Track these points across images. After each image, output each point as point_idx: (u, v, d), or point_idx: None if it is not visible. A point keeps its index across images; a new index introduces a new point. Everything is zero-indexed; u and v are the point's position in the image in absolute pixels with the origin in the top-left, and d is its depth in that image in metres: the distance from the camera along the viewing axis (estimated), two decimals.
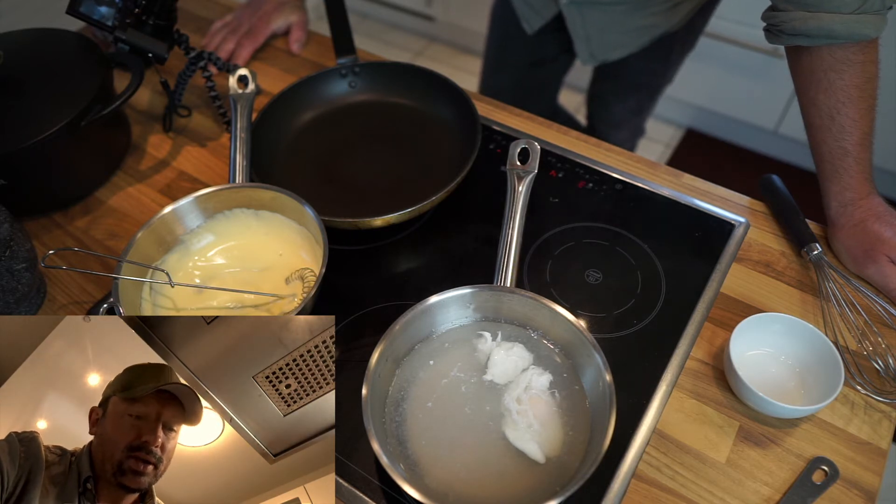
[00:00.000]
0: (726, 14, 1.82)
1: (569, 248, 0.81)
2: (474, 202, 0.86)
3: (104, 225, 0.86)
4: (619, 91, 1.34)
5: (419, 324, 0.66)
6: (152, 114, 1.01)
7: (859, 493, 0.60)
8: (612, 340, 0.72)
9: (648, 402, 0.66)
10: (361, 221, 0.75)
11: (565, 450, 0.60)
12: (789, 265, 0.77)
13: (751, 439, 0.64)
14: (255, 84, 0.89)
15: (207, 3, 1.22)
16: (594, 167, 0.89)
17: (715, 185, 0.86)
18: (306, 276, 0.73)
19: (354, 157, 0.91)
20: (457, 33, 2.56)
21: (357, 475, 0.63)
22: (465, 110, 0.88)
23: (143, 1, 0.84)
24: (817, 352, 0.65)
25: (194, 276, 0.75)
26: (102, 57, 0.87)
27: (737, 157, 2.15)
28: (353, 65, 0.95)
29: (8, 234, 0.71)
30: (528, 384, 0.64)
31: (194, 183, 0.91)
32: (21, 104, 0.82)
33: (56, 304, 0.78)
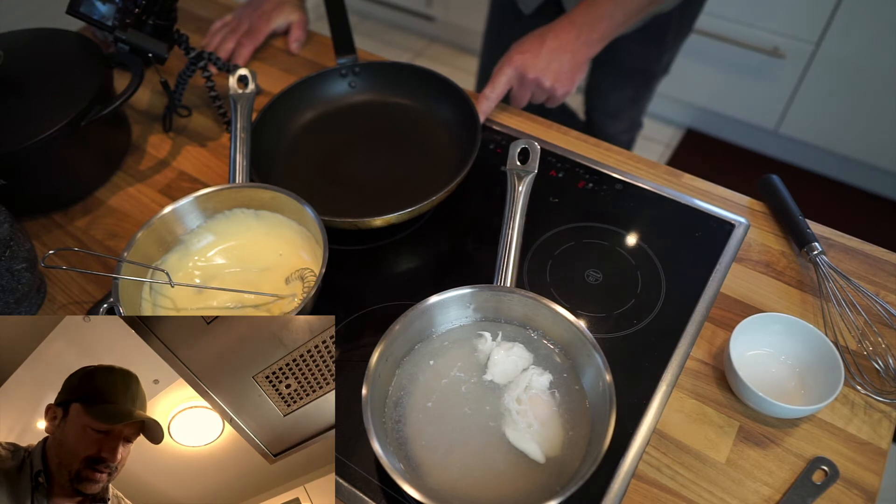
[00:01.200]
0: (726, 14, 1.83)
1: (569, 248, 0.81)
2: (474, 202, 0.86)
3: (104, 225, 0.86)
4: (616, 79, 1.34)
5: (419, 324, 0.66)
6: (152, 114, 1.01)
7: (859, 493, 0.60)
8: (612, 340, 0.72)
9: (648, 402, 0.66)
10: (361, 221, 0.75)
11: (565, 450, 0.60)
12: (789, 265, 0.77)
13: (751, 439, 0.64)
14: (255, 84, 0.89)
15: (207, 3, 1.22)
16: (594, 167, 0.89)
17: (715, 185, 0.86)
18: (306, 276, 0.73)
19: (354, 157, 0.91)
20: (457, 33, 2.56)
21: (357, 475, 0.63)
22: (465, 110, 0.88)
23: (143, 1, 0.84)
24: (817, 352, 0.65)
25: (194, 276, 0.75)
26: (102, 57, 0.87)
27: (737, 157, 2.15)
28: (353, 65, 0.95)
29: (8, 234, 0.71)
30: (528, 384, 0.64)
31: (194, 183, 0.91)
32: (21, 104, 0.82)
33: (56, 304, 0.78)
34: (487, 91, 0.91)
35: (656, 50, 1.25)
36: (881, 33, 1.65)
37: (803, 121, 1.93)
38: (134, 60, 0.85)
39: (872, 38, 1.67)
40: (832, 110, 1.86)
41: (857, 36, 1.69)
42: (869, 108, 1.79)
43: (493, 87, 0.91)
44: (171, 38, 0.91)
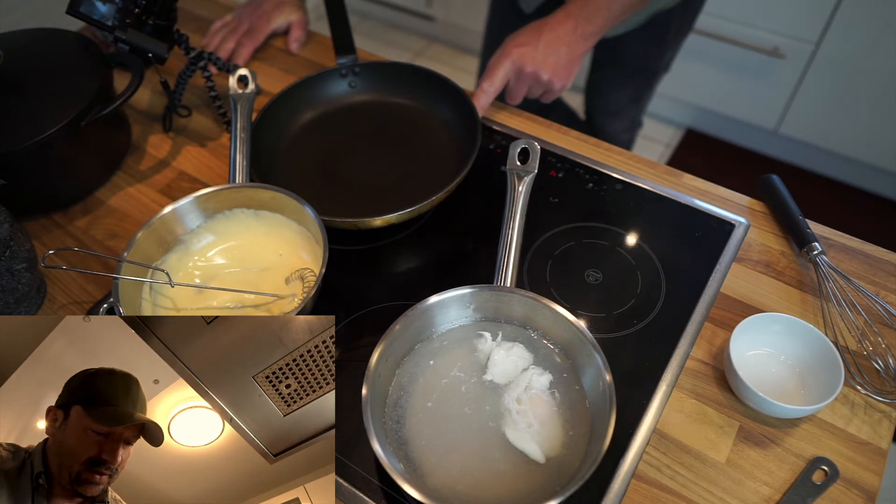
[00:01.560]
0: (726, 14, 1.83)
1: (569, 248, 0.81)
2: (474, 202, 0.86)
3: (104, 225, 0.86)
4: (616, 78, 1.33)
5: (419, 324, 0.66)
6: (152, 114, 1.01)
7: (859, 493, 0.60)
8: (612, 340, 0.72)
9: (648, 402, 0.66)
10: (361, 221, 0.75)
11: (565, 450, 0.60)
12: (789, 265, 0.77)
13: (751, 439, 0.64)
14: (255, 84, 0.89)
15: (207, 3, 1.22)
16: (594, 167, 0.89)
17: (715, 185, 0.86)
18: (306, 276, 0.73)
19: (354, 157, 0.91)
20: (457, 33, 2.56)
21: (357, 475, 0.63)
22: (465, 110, 0.88)
23: (143, 1, 0.84)
24: (817, 352, 0.65)
25: (194, 276, 0.75)
26: (102, 57, 0.87)
27: (737, 157, 2.15)
28: (353, 65, 0.95)
29: (8, 234, 0.71)
30: (528, 384, 0.64)
31: (194, 183, 0.91)
32: (21, 104, 0.81)
33: (56, 304, 0.78)
34: (485, 85, 0.89)
35: (658, 48, 1.25)
36: (881, 33, 1.65)
37: (803, 121, 1.93)
38: (134, 60, 0.85)
39: (872, 38, 1.67)
40: (832, 110, 1.86)
41: (857, 36, 1.69)
42: (869, 108, 1.79)
43: (491, 81, 0.89)
44: (171, 38, 0.91)
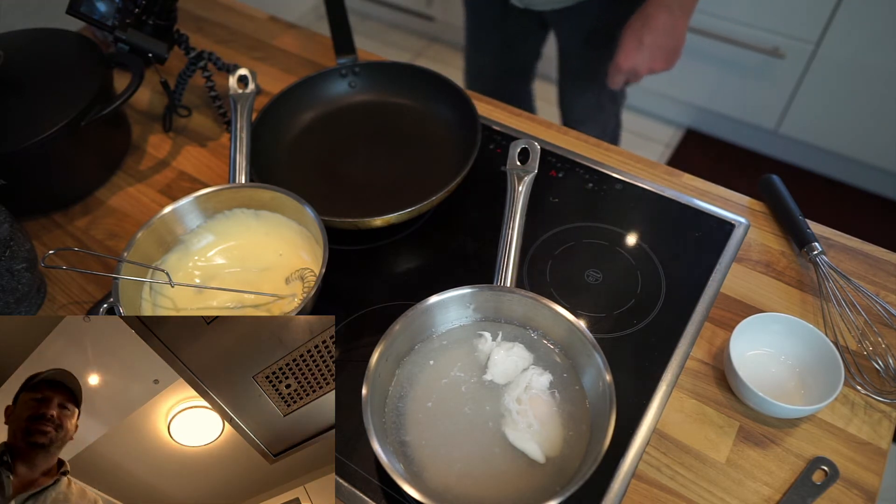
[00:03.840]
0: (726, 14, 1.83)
1: (569, 248, 0.81)
2: (474, 202, 0.86)
3: (104, 225, 0.86)
4: (574, 88, 1.34)
5: (419, 324, 0.66)
6: (152, 114, 1.01)
7: (859, 493, 0.60)
8: (612, 340, 0.72)
9: (648, 402, 0.66)
10: (361, 221, 0.75)
11: (565, 450, 0.60)
12: (789, 265, 0.77)
13: (751, 439, 0.64)
14: (255, 84, 0.89)
15: (207, 3, 1.22)
16: (594, 167, 0.89)
17: (715, 185, 0.86)
18: (306, 276, 0.73)
19: (354, 157, 0.91)
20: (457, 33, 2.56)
21: (357, 475, 0.63)
22: (465, 110, 0.88)
23: (143, 1, 0.84)
24: (817, 352, 0.65)
25: (194, 276, 0.75)
26: (102, 57, 0.87)
27: (737, 157, 2.15)
28: (353, 65, 0.95)
29: (8, 234, 0.71)
30: (528, 384, 0.64)
31: (194, 183, 0.91)
32: (21, 104, 0.82)
33: (56, 304, 0.78)
34: None
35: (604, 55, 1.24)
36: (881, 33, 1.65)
37: (803, 121, 1.93)
38: (134, 60, 0.85)
39: (872, 38, 1.67)
40: (832, 110, 1.86)
41: (857, 36, 1.69)
42: (869, 108, 1.79)
43: None
44: (171, 38, 0.91)
